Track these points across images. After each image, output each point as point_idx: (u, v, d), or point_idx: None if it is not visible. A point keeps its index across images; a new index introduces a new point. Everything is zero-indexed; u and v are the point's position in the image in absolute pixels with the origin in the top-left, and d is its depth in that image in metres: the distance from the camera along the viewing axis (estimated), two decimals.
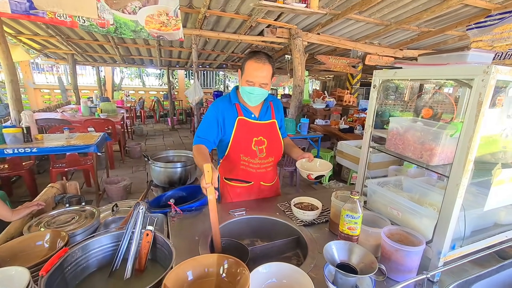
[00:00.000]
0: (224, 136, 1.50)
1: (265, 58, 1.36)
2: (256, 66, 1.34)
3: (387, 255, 0.98)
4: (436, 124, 1.08)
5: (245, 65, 1.38)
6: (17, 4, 1.79)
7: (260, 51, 1.41)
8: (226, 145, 1.50)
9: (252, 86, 1.37)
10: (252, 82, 1.36)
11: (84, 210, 1.28)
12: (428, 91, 2.06)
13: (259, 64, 1.34)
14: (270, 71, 1.38)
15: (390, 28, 4.44)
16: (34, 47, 6.17)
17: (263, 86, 1.38)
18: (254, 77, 1.35)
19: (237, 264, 0.79)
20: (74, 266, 0.82)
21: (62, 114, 4.93)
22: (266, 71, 1.36)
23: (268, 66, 1.36)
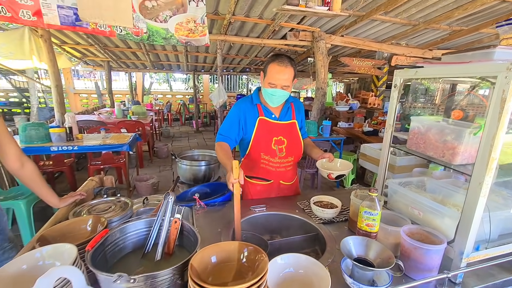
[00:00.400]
0: (245, 135, 1.56)
1: (287, 61, 1.40)
2: (279, 69, 1.38)
3: (406, 253, 0.98)
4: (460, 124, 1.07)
5: (268, 67, 1.43)
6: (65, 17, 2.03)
7: (283, 54, 1.45)
8: (247, 144, 1.56)
9: (274, 88, 1.42)
10: (274, 84, 1.41)
11: (119, 201, 1.40)
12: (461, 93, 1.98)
13: (281, 67, 1.38)
14: (292, 73, 1.42)
15: (418, 28, 4.29)
16: (76, 56, 6.75)
17: (285, 88, 1.43)
18: (276, 80, 1.40)
19: (256, 251, 0.84)
20: (113, 246, 0.92)
21: (99, 116, 5.35)
22: (288, 73, 1.40)
23: (290, 68, 1.40)
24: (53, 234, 1.02)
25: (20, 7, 2.04)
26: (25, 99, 7.75)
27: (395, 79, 1.18)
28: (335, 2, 2.30)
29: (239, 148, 1.69)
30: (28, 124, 2.67)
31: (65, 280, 0.75)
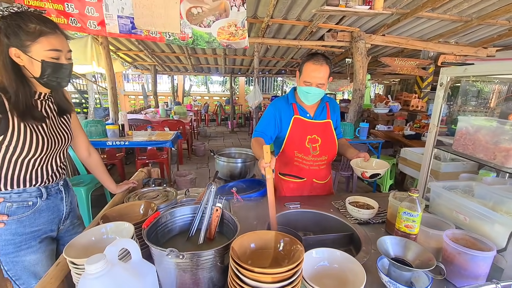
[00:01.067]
0: (280, 133, 1.60)
1: (323, 59, 1.43)
2: (314, 68, 1.41)
3: (449, 258, 0.94)
4: None
5: (303, 66, 1.46)
6: (124, 25, 2.30)
7: (318, 53, 1.48)
8: (282, 141, 1.61)
9: (309, 86, 1.45)
10: (309, 83, 1.44)
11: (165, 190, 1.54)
12: None
13: (317, 66, 1.41)
14: (327, 72, 1.44)
15: (471, 24, 3.93)
16: (127, 60, 7.45)
17: (320, 86, 1.45)
18: (312, 78, 1.43)
19: (292, 241, 0.89)
20: (163, 227, 1.04)
21: (145, 115, 5.83)
22: (323, 72, 1.42)
23: (325, 67, 1.42)
24: (113, 214, 1.17)
25: (88, 19, 2.36)
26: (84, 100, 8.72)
27: (441, 77, 1.13)
28: (377, 1, 2.24)
29: (273, 146, 1.74)
30: (88, 121, 3.04)
31: (126, 251, 0.88)
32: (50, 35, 1.00)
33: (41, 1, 2.33)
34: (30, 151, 1.05)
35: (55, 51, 1.02)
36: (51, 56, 1.01)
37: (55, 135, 1.16)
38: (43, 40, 0.99)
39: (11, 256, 1.08)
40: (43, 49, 0.99)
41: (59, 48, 1.03)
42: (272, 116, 1.58)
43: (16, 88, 0.99)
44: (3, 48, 0.96)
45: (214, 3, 2.33)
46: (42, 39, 0.99)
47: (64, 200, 1.26)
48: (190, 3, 2.31)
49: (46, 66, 1.01)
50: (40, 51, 0.99)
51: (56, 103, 1.19)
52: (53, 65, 1.02)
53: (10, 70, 0.98)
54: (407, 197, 1.02)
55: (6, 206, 1.06)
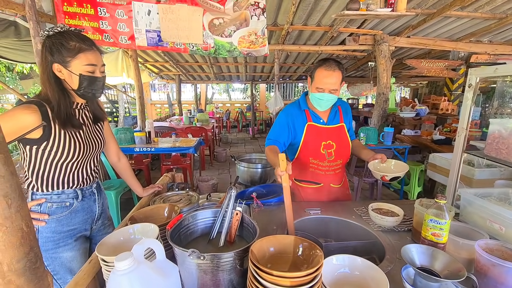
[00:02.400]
0: (294, 140, 1.59)
1: (335, 65, 1.40)
2: (326, 74, 1.39)
3: (482, 270, 0.88)
4: None
5: (315, 72, 1.45)
6: (151, 39, 2.47)
7: (330, 59, 1.45)
8: (296, 149, 1.59)
9: (322, 93, 1.43)
10: (322, 89, 1.43)
11: (188, 194, 1.60)
12: None
13: (329, 72, 1.39)
14: (340, 77, 1.42)
15: (506, 21, 3.68)
16: (154, 71, 7.87)
17: (333, 92, 1.43)
18: (324, 84, 1.41)
19: (311, 246, 0.88)
20: (185, 229, 1.08)
21: (170, 123, 6.09)
22: (336, 77, 1.40)
23: (337, 72, 1.40)
24: (140, 216, 1.24)
25: (120, 34, 2.56)
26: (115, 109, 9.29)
27: (469, 78, 1.08)
28: (400, 2, 2.18)
29: (287, 153, 1.72)
30: (118, 129, 3.25)
31: (151, 251, 0.93)
32: (87, 51, 1.11)
33: (79, 20, 2.55)
34: (69, 155, 1.15)
35: (91, 66, 1.12)
36: (87, 70, 1.12)
37: (90, 141, 1.26)
38: (82, 56, 1.10)
39: (50, 252, 1.18)
40: (81, 64, 1.10)
41: (95, 63, 1.14)
42: (284, 123, 1.57)
43: (58, 99, 1.10)
44: (47, 64, 1.08)
45: (235, 14, 2.42)
46: (80, 55, 1.09)
47: (97, 202, 1.36)
48: (212, 15, 2.42)
49: (83, 79, 1.12)
50: (78, 66, 1.10)
51: (91, 112, 1.30)
52: (89, 78, 1.13)
53: (54, 83, 1.10)
54: (434, 203, 0.97)
55: (47, 206, 1.16)
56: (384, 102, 4.43)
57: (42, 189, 1.16)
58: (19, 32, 2.83)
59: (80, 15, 2.54)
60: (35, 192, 1.17)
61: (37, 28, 2.25)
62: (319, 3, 3.38)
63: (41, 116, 1.06)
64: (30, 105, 1.05)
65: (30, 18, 2.21)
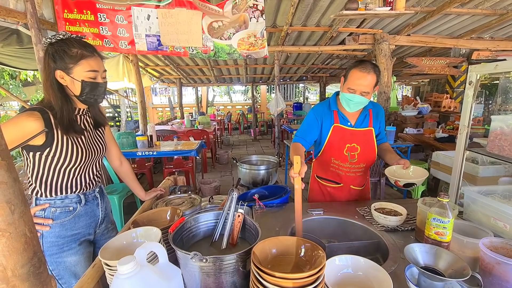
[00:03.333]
0: (320, 139, 1.61)
1: (371, 67, 1.38)
2: (360, 75, 1.37)
3: (486, 268, 0.87)
4: None
5: (349, 72, 1.43)
6: (151, 43, 2.49)
7: (367, 60, 1.44)
8: (320, 146, 1.61)
9: (352, 94, 1.41)
10: (353, 90, 1.40)
11: (190, 197, 1.60)
12: None
13: (363, 73, 1.37)
14: (374, 80, 1.40)
15: (507, 17, 3.65)
16: (155, 75, 7.91)
17: (364, 95, 1.41)
18: (357, 85, 1.39)
19: (314, 247, 0.88)
20: (188, 232, 1.08)
21: (172, 126, 6.11)
22: (370, 80, 1.38)
23: (372, 75, 1.38)
24: (142, 220, 1.24)
25: (120, 39, 2.58)
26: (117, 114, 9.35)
27: (469, 75, 1.08)
28: (399, 1, 2.18)
29: (313, 147, 1.74)
30: (121, 133, 3.27)
31: (154, 255, 0.93)
32: (89, 58, 1.13)
33: (80, 26, 2.58)
34: (72, 161, 1.16)
35: (93, 72, 1.14)
36: (89, 76, 1.14)
37: (92, 146, 1.27)
38: (84, 62, 1.11)
39: (55, 257, 1.18)
40: (83, 70, 1.12)
41: (96, 69, 1.15)
42: (314, 121, 1.58)
43: (61, 105, 1.11)
44: (50, 71, 1.10)
45: (233, 17, 2.43)
46: (82, 61, 1.11)
47: (100, 206, 1.36)
48: (211, 18, 2.43)
49: (85, 85, 1.13)
50: (80, 72, 1.12)
51: (92, 117, 1.31)
52: (91, 84, 1.14)
53: (57, 89, 1.11)
54: (437, 202, 0.97)
55: (51, 211, 1.17)
56: (385, 101, 4.41)
57: (46, 195, 1.17)
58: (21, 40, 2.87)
59: (81, 22, 2.57)
60: (39, 198, 1.18)
61: (38, 35, 2.28)
62: (318, 4, 3.39)
63: (43, 122, 1.07)
64: (33, 112, 1.06)
65: (31, 26, 2.24)
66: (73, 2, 2.47)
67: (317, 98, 12.13)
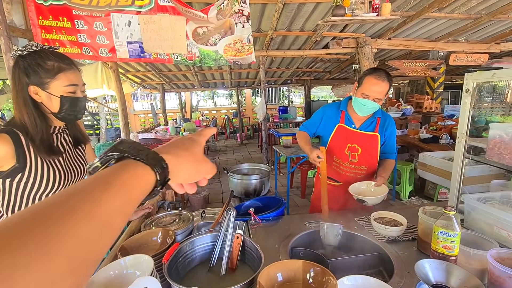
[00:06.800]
0: (324, 134, 1.74)
1: (385, 75, 1.47)
2: (375, 82, 1.46)
3: (497, 282, 0.85)
4: None
5: (364, 79, 1.51)
6: (133, 50, 2.36)
7: (381, 69, 1.53)
8: (325, 144, 1.72)
9: (366, 99, 1.50)
10: (367, 95, 1.49)
11: (181, 214, 1.51)
12: None
13: (378, 81, 1.46)
14: (387, 88, 1.49)
15: (481, 21, 3.84)
16: (136, 81, 7.64)
17: (377, 101, 1.50)
18: (371, 91, 1.47)
19: (323, 272, 0.82)
20: (183, 259, 0.99)
21: (156, 134, 5.89)
22: (383, 87, 1.47)
23: (386, 83, 1.47)
24: (131, 245, 1.14)
25: (99, 47, 2.44)
26: (96, 122, 8.96)
27: (466, 83, 1.07)
28: (384, 7, 2.21)
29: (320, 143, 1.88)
30: (103, 144, 3.08)
31: None
32: (67, 71, 1.02)
33: (56, 34, 2.41)
34: (48, 186, 1.04)
35: (72, 86, 1.04)
36: (69, 91, 1.03)
37: (71, 168, 1.15)
38: (62, 76, 1.01)
39: None
40: (62, 85, 1.01)
41: (76, 83, 1.05)
42: (319, 118, 1.75)
43: (36, 124, 1.00)
44: (23, 86, 0.98)
45: (219, 22, 2.36)
46: (60, 75, 1.00)
47: None
48: (196, 24, 2.35)
49: (65, 101, 1.03)
50: (58, 87, 1.01)
51: (71, 135, 1.19)
52: (70, 100, 1.04)
53: (31, 107, 0.99)
54: (442, 214, 0.94)
55: None
56: None
57: None
58: None
59: (57, 29, 2.40)
60: None
61: (8, 43, 2.10)
62: (302, 9, 3.39)
63: (13, 145, 0.94)
64: (1, 135, 0.94)
65: (1, 33, 2.07)
66: (48, 9, 2.31)
67: (302, 100, 12.26)
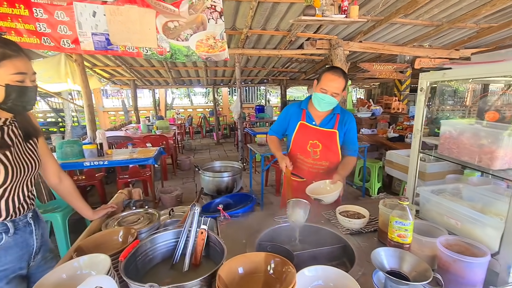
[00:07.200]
0: (288, 133, 1.82)
1: (341, 72, 1.58)
2: (332, 78, 1.56)
3: (444, 266, 0.91)
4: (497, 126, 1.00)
5: (323, 76, 1.60)
6: (99, 42, 2.23)
7: (338, 67, 1.65)
8: (289, 142, 1.82)
9: (324, 94, 1.58)
10: (325, 90, 1.57)
11: (147, 212, 1.45)
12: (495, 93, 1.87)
13: (335, 76, 1.55)
14: (343, 84, 1.58)
15: (442, 28, 4.13)
16: (105, 76, 7.25)
17: (334, 96, 1.58)
18: (328, 86, 1.56)
19: (283, 263, 0.83)
20: (143, 256, 0.95)
21: (126, 132, 5.64)
22: (340, 83, 1.56)
23: (342, 79, 1.57)
24: (88, 245, 1.07)
25: (61, 37, 2.28)
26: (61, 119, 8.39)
27: (420, 82, 1.14)
28: (353, 10, 2.30)
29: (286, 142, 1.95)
30: (64, 142, 2.88)
31: None
32: (14, 58, 0.94)
33: (12, 22, 2.22)
34: None
35: (20, 75, 0.96)
36: (16, 80, 0.95)
37: (21, 163, 1.06)
38: (7, 63, 0.93)
39: None
40: (8, 73, 0.93)
41: (24, 71, 0.97)
42: (284, 118, 1.82)
43: None
44: None
45: (190, 17, 2.30)
46: (6, 62, 0.92)
47: (34, 233, 1.15)
48: (166, 18, 2.27)
49: (11, 90, 0.95)
50: (4, 75, 0.93)
51: (21, 128, 1.10)
52: (18, 89, 0.96)
53: None
54: (397, 205, 0.99)
55: None
56: (342, 103, 4.65)
57: None
58: None
59: (13, 17, 2.21)
60: None
61: None
62: (277, 8, 3.42)
63: None
64: None
65: None
66: None
67: (279, 100, 12.40)
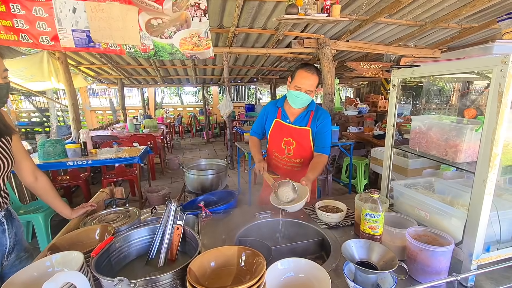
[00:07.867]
0: (266, 132, 1.83)
1: (314, 69, 1.56)
2: (305, 75, 1.54)
3: (412, 255, 0.95)
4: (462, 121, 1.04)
5: (296, 73, 1.59)
6: (79, 39, 2.19)
7: (311, 64, 1.62)
8: (267, 140, 1.84)
9: (299, 91, 1.57)
10: (299, 88, 1.56)
11: (128, 211, 1.44)
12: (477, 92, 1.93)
13: (308, 74, 1.54)
14: (317, 81, 1.57)
15: (426, 28, 4.23)
16: (91, 75, 7.11)
17: (308, 93, 1.57)
18: (302, 84, 1.55)
19: (254, 254, 0.85)
20: (118, 253, 0.95)
21: (112, 131, 5.55)
22: (313, 80, 1.55)
23: (315, 76, 1.55)
24: (64, 243, 1.06)
25: (40, 34, 2.23)
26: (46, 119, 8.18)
27: (392, 79, 1.17)
28: (334, 9, 2.33)
29: None
30: (46, 141, 2.81)
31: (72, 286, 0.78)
32: None
33: None
34: None
35: None
36: None
37: None
38: None
39: None
40: None
41: None
42: (262, 117, 1.83)
43: None
44: None
45: (174, 14, 2.29)
46: None
47: (7, 232, 1.13)
48: (149, 15, 2.25)
49: None
50: None
51: None
52: None
53: None
54: (369, 198, 1.02)
55: None
56: (330, 101, 4.71)
57: None
58: None
59: None
60: None
61: None
62: (263, 7, 3.43)
63: None
64: None
65: None
66: None
67: (269, 99, 12.43)
